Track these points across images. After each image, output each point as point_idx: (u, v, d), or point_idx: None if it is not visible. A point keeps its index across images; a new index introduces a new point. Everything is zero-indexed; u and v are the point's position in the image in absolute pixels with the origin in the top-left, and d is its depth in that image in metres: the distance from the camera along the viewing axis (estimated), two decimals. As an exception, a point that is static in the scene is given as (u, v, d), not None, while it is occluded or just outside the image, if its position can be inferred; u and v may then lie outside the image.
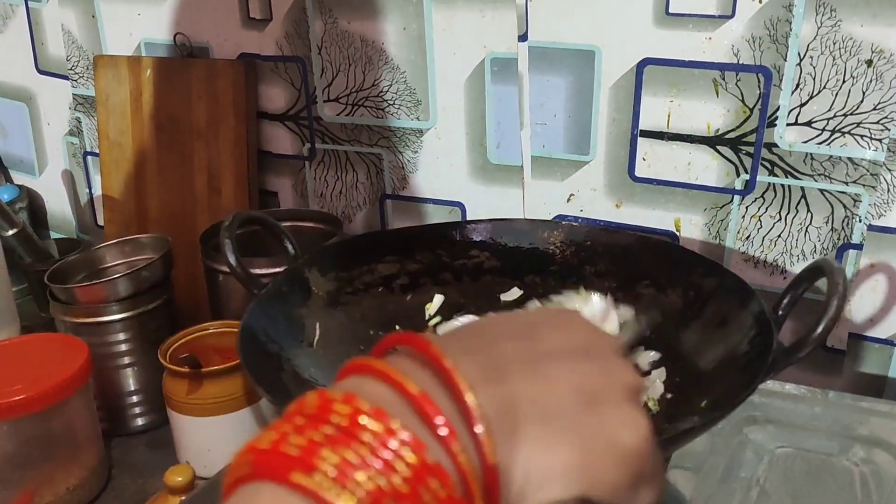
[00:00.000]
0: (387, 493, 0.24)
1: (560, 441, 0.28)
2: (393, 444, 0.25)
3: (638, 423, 0.30)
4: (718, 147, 0.76)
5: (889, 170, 0.70)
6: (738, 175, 0.76)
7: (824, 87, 0.70)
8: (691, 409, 0.60)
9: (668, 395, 0.64)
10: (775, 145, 0.74)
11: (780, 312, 0.61)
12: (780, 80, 0.72)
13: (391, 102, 0.89)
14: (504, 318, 0.32)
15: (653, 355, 0.67)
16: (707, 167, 0.77)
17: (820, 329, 0.53)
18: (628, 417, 0.29)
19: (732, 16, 0.71)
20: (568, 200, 0.85)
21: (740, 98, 0.74)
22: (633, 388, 0.31)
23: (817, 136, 0.72)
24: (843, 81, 0.69)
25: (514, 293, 0.77)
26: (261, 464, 0.25)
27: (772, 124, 0.73)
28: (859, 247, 0.74)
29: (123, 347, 0.81)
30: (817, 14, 0.68)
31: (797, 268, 0.77)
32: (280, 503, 0.24)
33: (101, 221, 1.11)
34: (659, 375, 0.66)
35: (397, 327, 0.74)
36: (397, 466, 0.25)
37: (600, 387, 0.30)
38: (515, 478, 0.27)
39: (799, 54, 0.70)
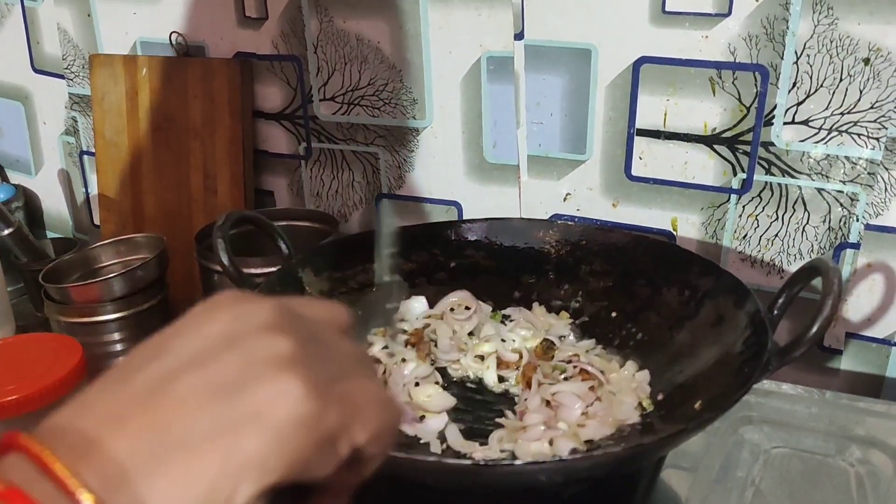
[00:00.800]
0: None
1: (195, 462, 0.25)
2: None
3: (283, 392, 0.27)
4: (715, 146, 0.76)
5: (886, 169, 0.70)
6: (735, 174, 0.76)
7: (821, 86, 0.70)
8: (686, 409, 0.60)
9: (660, 396, 0.64)
10: (772, 144, 0.73)
11: (776, 312, 0.60)
12: (777, 79, 0.71)
13: (387, 101, 0.89)
14: (146, 345, 0.29)
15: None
16: (704, 166, 0.77)
17: (815, 329, 0.53)
18: (271, 392, 0.27)
19: (729, 14, 0.71)
20: (564, 200, 0.84)
21: (737, 97, 0.73)
22: (279, 358, 0.28)
23: (814, 135, 0.72)
24: (841, 80, 0.69)
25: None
26: None
27: (769, 123, 0.73)
28: (856, 246, 0.73)
29: (118, 347, 0.81)
30: (814, 12, 0.68)
31: (794, 267, 0.76)
32: None
33: (97, 221, 1.10)
34: (644, 378, 0.66)
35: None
36: None
37: (236, 375, 0.27)
38: None
39: (796, 52, 0.70)
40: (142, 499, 0.25)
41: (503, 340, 0.71)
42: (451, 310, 0.73)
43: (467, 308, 0.73)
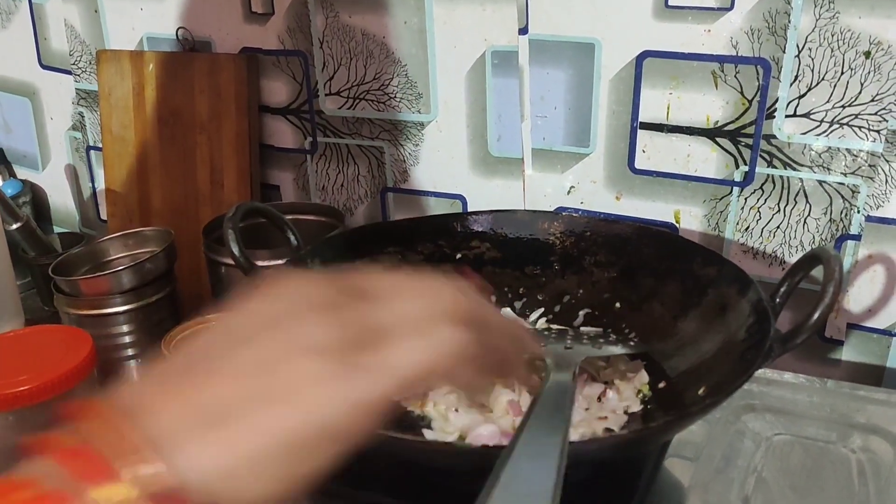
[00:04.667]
0: None
1: (225, 435, 0.27)
2: None
3: (311, 373, 0.28)
4: (718, 139, 0.77)
5: (887, 161, 0.71)
6: (738, 167, 0.77)
7: (823, 79, 0.71)
8: (690, 395, 0.60)
9: (663, 384, 0.65)
10: (774, 137, 0.74)
11: (778, 300, 0.61)
12: (779, 72, 0.72)
13: (392, 96, 0.90)
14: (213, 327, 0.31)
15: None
16: (706, 159, 0.78)
17: (816, 315, 0.53)
18: (301, 373, 0.28)
19: (731, 8, 0.72)
20: (568, 193, 0.85)
21: (739, 90, 0.74)
22: (312, 346, 0.29)
23: (816, 128, 0.72)
24: (842, 73, 0.70)
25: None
26: None
27: (770, 116, 0.74)
28: (857, 238, 0.74)
29: (127, 339, 0.81)
30: (816, 6, 0.69)
31: (796, 259, 0.77)
32: None
33: (103, 216, 1.11)
34: (636, 367, 0.67)
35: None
36: None
37: (272, 358, 0.29)
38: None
39: (797, 46, 0.71)
40: (174, 463, 0.26)
41: None
42: None
43: None
